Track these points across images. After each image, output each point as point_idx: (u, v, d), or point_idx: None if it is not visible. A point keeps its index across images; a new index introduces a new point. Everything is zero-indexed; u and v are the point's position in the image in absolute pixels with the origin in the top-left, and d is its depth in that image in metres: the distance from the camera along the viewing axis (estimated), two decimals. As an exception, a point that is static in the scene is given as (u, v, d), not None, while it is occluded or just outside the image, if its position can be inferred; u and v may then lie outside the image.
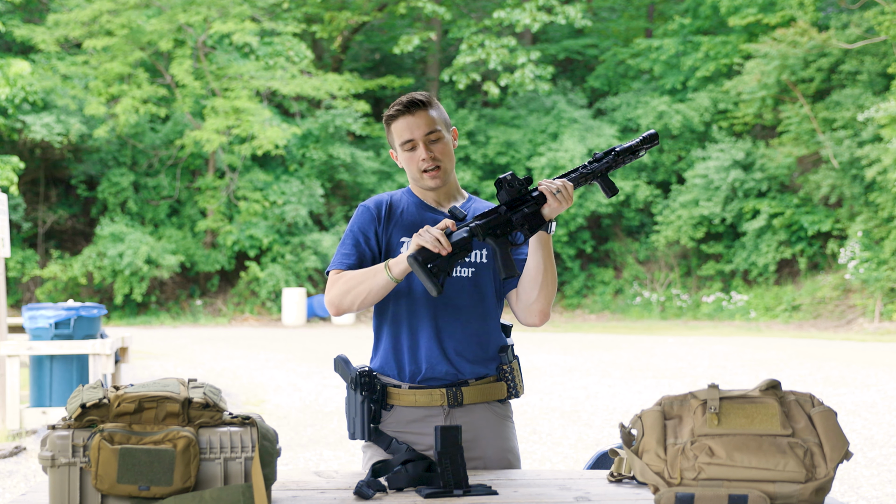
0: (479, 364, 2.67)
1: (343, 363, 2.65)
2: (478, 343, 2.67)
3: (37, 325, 7.70)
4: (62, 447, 2.02)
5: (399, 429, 2.64)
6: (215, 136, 21.82)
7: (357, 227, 2.70)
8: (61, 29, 22.45)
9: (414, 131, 2.63)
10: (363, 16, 25.56)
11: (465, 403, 2.64)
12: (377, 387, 2.63)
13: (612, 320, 23.04)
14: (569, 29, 27.47)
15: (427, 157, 2.63)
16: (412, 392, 2.63)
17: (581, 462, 6.96)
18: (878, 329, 19.41)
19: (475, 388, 2.65)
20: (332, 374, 11.74)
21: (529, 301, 2.65)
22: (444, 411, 2.64)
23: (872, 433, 8.08)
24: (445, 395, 2.62)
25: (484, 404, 2.67)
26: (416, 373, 2.64)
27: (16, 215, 21.46)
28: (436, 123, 2.66)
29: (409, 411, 2.64)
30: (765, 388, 2.09)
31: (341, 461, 7.10)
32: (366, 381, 2.61)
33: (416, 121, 2.64)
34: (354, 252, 2.67)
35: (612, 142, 24.23)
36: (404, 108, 2.64)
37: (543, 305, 2.65)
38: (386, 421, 2.65)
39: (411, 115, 2.64)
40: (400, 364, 2.66)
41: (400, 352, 2.66)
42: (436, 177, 2.65)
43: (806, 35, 21.70)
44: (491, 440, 2.67)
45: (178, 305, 22.96)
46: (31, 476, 6.42)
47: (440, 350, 2.64)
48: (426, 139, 2.64)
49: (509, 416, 2.73)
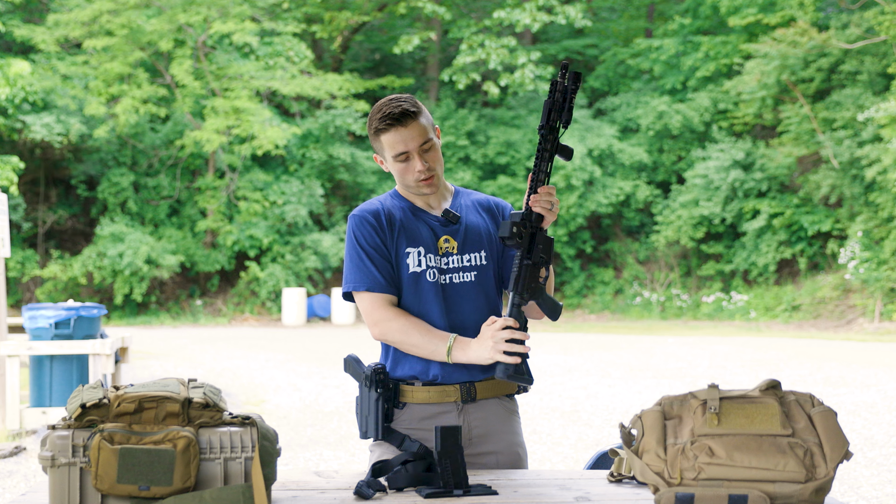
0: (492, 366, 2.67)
1: (354, 362, 2.63)
2: None
3: (37, 325, 7.70)
4: (62, 447, 2.02)
5: (412, 426, 2.63)
6: (215, 136, 21.83)
7: (366, 243, 2.63)
8: (61, 29, 22.45)
9: (408, 143, 2.57)
10: (363, 16, 25.56)
11: (478, 399, 2.65)
12: (390, 384, 2.62)
13: (612, 320, 23.04)
14: (569, 29, 27.48)
15: (423, 168, 2.59)
16: (426, 389, 2.63)
17: (581, 462, 6.97)
18: (878, 329, 19.41)
19: (487, 382, 2.66)
20: (332, 374, 11.73)
21: (530, 311, 2.70)
22: (457, 407, 2.64)
23: (872, 433, 8.08)
24: (459, 390, 2.63)
25: (495, 399, 2.68)
26: (434, 380, 2.63)
27: (16, 215, 21.46)
28: (428, 132, 2.60)
29: (423, 408, 2.63)
30: (765, 388, 2.09)
31: (341, 461, 7.10)
32: (380, 378, 2.59)
33: (410, 133, 2.57)
34: (381, 269, 2.62)
35: (612, 142, 24.24)
36: (395, 121, 2.56)
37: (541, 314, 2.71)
38: (398, 419, 2.64)
39: (404, 126, 2.56)
40: (413, 368, 2.64)
41: (414, 359, 2.64)
42: (431, 184, 2.63)
43: (806, 35, 21.71)
44: (502, 435, 2.69)
45: (178, 305, 22.96)
46: (31, 476, 6.42)
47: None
48: (420, 149, 2.59)
49: (516, 410, 2.76)
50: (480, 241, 2.69)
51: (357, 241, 2.64)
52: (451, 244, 2.67)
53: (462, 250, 2.67)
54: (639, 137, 24.80)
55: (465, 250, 2.67)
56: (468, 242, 2.68)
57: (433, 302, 2.63)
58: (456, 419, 2.63)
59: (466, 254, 2.66)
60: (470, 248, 2.68)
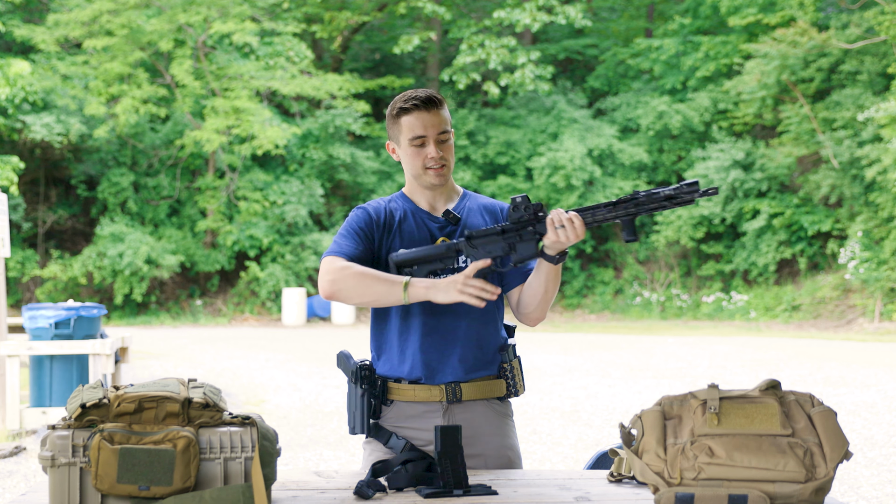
0: (480, 367, 2.67)
1: (345, 358, 2.66)
2: (478, 346, 2.66)
3: (37, 325, 7.70)
4: (62, 447, 2.02)
5: (399, 424, 2.64)
6: (215, 136, 21.83)
7: (356, 225, 2.66)
8: (61, 29, 22.45)
9: (428, 128, 2.61)
10: (363, 16, 25.56)
11: (463, 400, 2.64)
12: (377, 381, 2.64)
13: (612, 320, 23.04)
14: (569, 29, 27.47)
15: (436, 156, 2.62)
16: (412, 387, 2.63)
17: (581, 462, 6.97)
18: (878, 329, 19.41)
19: (474, 384, 2.65)
20: (332, 374, 11.74)
21: (528, 311, 2.69)
22: (442, 407, 2.64)
23: (872, 433, 8.08)
24: (444, 391, 2.62)
25: (483, 401, 2.67)
26: (418, 378, 2.64)
27: (16, 215, 21.46)
28: (447, 123, 2.65)
29: (409, 406, 2.64)
30: (765, 388, 2.09)
31: (341, 461, 7.10)
32: (366, 375, 2.62)
33: (432, 119, 2.62)
34: (357, 243, 2.62)
35: (612, 142, 24.24)
36: (421, 104, 2.61)
37: (539, 315, 2.70)
38: (386, 416, 2.66)
39: (427, 111, 2.61)
40: (401, 367, 2.66)
41: (403, 357, 2.66)
42: (440, 175, 2.65)
43: (806, 35, 21.70)
44: (490, 437, 2.67)
45: (178, 305, 22.96)
46: (31, 476, 6.42)
47: (440, 356, 2.64)
48: (437, 138, 2.62)
49: (509, 414, 2.73)
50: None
51: (347, 223, 2.68)
52: None
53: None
54: (639, 137, 24.80)
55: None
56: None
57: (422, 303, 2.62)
58: (441, 419, 2.63)
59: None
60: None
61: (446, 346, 2.64)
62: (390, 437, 2.61)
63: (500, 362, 2.69)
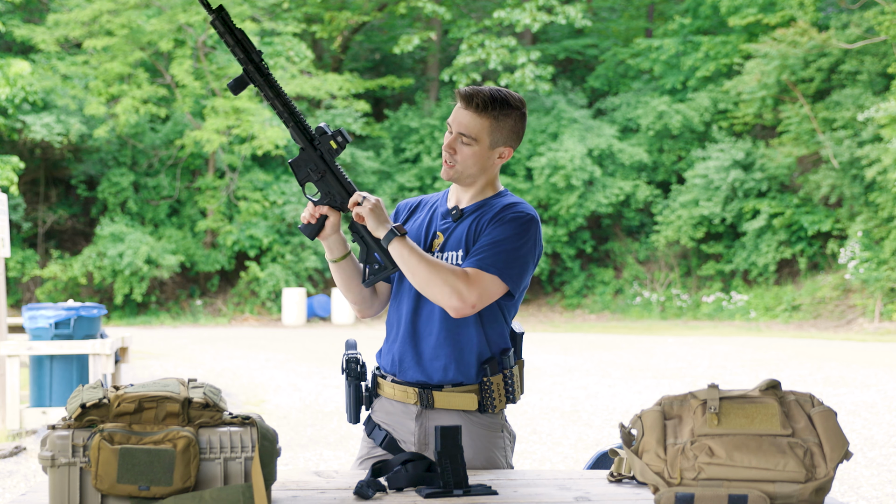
0: (454, 370, 2.61)
1: (346, 347, 2.75)
2: (452, 346, 2.61)
3: (37, 325, 7.70)
4: (62, 447, 2.02)
5: (384, 418, 2.72)
6: (215, 136, 21.83)
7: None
8: (61, 29, 22.45)
9: (454, 123, 2.62)
10: (363, 16, 25.56)
11: (436, 407, 2.63)
12: (364, 373, 2.72)
13: (612, 320, 23.03)
14: (569, 29, 27.47)
15: (448, 151, 2.64)
16: (392, 385, 2.69)
17: (581, 462, 6.97)
18: (878, 329, 19.41)
19: (445, 394, 2.62)
20: (332, 373, 11.74)
21: None
22: (416, 410, 2.65)
23: (872, 433, 8.08)
24: (418, 394, 2.64)
25: (459, 412, 2.62)
26: (395, 373, 2.69)
27: (16, 215, 21.46)
28: (474, 131, 2.59)
29: (389, 403, 2.71)
30: (765, 388, 2.09)
31: (341, 461, 7.10)
32: (352, 367, 2.70)
33: (461, 117, 2.61)
34: None
35: (612, 142, 24.24)
36: (462, 98, 2.62)
37: None
38: (375, 408, 2.74)
39: (462, 108, 2.61)
40: (385, 360, 2.73)
41: (389, 350, 2.72)
42: (446, 169, 2.66)
43: (806, 35, 21.70)
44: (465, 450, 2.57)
45: (178, 305, 22.96)
46: (31, 476, 6.42)
47: (413, 352, 2.64)
48: (458, 136, 2.62)
49: (494, 426, 2.64)
50: (462, 241, 2.64)
51: None
52: (440, 240, 2.69)
53: (444, 248, 2.66)
54: (639, 137, 24.80)
55: (447, 248, 2.66)
56: (452, 241, 2.66)
57: (406, 292, 2.68)
58: (413, 423, 2.64)
59: (446, 252, 2.65)
60: (451, 247, 2.66)
61: (420, 346, 2.64)
62: (374, 428, 2.71)
63: (483, 375, 2.61)
